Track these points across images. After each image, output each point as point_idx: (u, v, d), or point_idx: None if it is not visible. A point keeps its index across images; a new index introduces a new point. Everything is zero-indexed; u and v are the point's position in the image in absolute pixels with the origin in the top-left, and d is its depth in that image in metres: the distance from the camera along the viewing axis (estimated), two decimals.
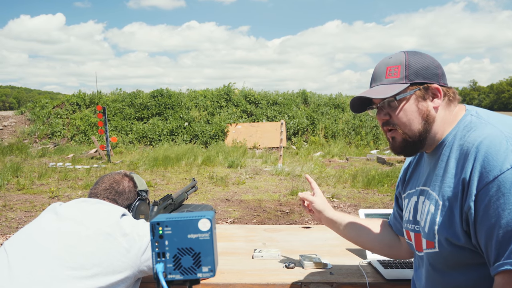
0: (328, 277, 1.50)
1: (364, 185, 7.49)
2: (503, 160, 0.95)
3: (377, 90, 1.14)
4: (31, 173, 8.66)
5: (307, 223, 5.16)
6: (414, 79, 1.12)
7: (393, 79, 1.14)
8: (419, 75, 1.12)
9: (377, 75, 1.18)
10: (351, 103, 1.22)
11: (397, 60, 1.15)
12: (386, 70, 1.16)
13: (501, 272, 0.95)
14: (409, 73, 1.12)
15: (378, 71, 1.18)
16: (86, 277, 1.20)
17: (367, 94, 1.15)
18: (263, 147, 13.79)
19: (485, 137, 1.00)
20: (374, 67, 1.22)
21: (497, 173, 0.95)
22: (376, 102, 1.18)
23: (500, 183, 0.94)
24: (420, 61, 1.13)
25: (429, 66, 1.13)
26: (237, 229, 2.16)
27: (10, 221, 5.30)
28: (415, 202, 1.22)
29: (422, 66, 1.13)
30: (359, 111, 1.24)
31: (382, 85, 1.15)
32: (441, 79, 1.14)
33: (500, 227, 0.94)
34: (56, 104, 16.19)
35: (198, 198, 6.58)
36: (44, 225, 1.31)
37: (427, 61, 1.14)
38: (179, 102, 16.02)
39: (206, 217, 0.86)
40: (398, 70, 1.13)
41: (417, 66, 1.13)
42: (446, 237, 1.06)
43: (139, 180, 1.57)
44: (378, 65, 1.19)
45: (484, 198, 0.97)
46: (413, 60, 1.13)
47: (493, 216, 0.95)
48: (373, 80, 1.19)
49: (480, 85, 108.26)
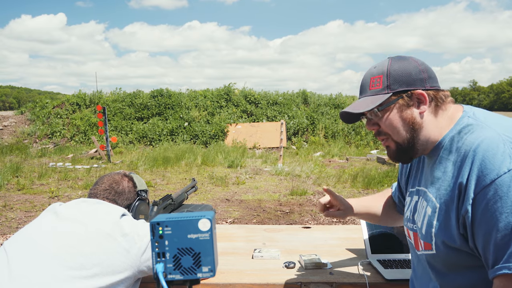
0: (328, 277, 1.50)
1: (364, 185, 7.49)
2: (500, 164, 0.95)
3: (360, 103, 1.16)
4: (31, 173, 8.66)
5: (307, 223, 5.16)
6: (397, 88, 1.11)
7: (376, 89, 1.14)
8: (402, 83, 1.11)
9: (363, 86, 1.19)
10: (340, 116, 1.24)
11: (379, 70, 1.15)
12: (370, 81, 1.17)
13: (499, 276, 0.95)
14: (390, 83, 1.12)
15: (364, 82, 1.19)
16: (86, 277, 1.20)
17: (350, 109, 1.17)
18: (263, 147, 13.78)
19: (482, 140, 1.00)
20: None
21: (494, 177, 0.95)
22: (365, 113, 1.18)
23: (497, 187, 0.94)
24: (402, 68, 1.12)
25: (412, 72, 1.12)
26: (237, 229, 2.16)
27: (10, 221, 5.30)
28: (416, 201, 1.22)
29: (404, 73, 1.12)
30: (350, 122, 1.25)
31: (366, 97, 1.16)
32: (427, 83, 1.12)
33: (498, 231, 0.94)
34: (56, 104, 16.18)
35: (198, 198, 6.58)
36: (44, 225, 1.31)
37: (410, 66, 1.13)
38: (179, 102, 16.02)
39: (206, 217, 0.86)
40: (380, 81, 1.14)
41: (399, 74, 1.12)
42: (443, 240, 1.06)
43: (139, 180, 1.57)
44: (364, 76, 1.20)
45: (482, 202, 0.96)
46: (396, 67, 1.13)
47: (490, 220, 0.95)
48: (360, 91, 1.21)
49: (481, 85, 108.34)
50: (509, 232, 0.93)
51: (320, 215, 5.55)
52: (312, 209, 5.86)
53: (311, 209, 5.86)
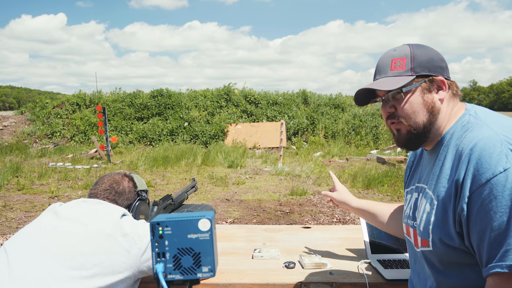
0: (328, 277, 1.50)
1: (364, 185, 7.49)
2: (496, 163, 0.95)
3: (383, 82, 1.13)
4: (31, 173, 8.66)
5: (307, 223, 5.16)
6: (420, 72, 1.12)
7: (399, 71, 1.13)
8: (425, 68, 1.12)
9: (381, 67, 1.17)
10: (356, 95, 1.21)
11: (402, 53, 1.14)
12: (391, 62, 1.15)
13: (492, 274, 0.96)
14: (414, 66, 1.12)
15: (382, 63, 1.17)
16: (86, 277, 1.20)
17: (373, 86, 1.14)
18: (263, 147, 13.78)
19: (480, 139, 1.00)
20: (375, 66, 1.21)
21: (490, 176, 0.95)
22: (381, 95, 1.17)
23: (492, 186, 0.95)
24: (425, 53, 1.14)
25: (434, 59, 1.13)
26: (237, 229, 2.16)
27: (10, 221, 5.30)
28: (416, 198, 1.22)
29: (427, 58, 1.13)
30: (363, 103, 1.24)
31: (388, 78, 1.14)
32: (445, 72, 1.15)
33: (492, 230, 0.95)
34: (56, 104, 16.18)
35: (198, 198, 6.58)
36: (44, 225, 1.31)
37: (432, 53, 1.14)
38: (179, 102, 16.02)
39: (206, 217, 0.86)
40: (404, 62, 1.13)
41: (423, 59, 1.13)
42: (440, 237, 1.07)
43: (139, 180, 1.57)
44: (383, 57, 1.18)
45: (477, 201, 0.97)
46: (418, 52, 1.13)
47: (485, 219, 0.96)
48: (377, 72, 1.18)
49: (481, 85, 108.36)
50: (502, 231, 0.94)
51: (320, 215, 5.55)
52: (312, 209, 5.86)
53: (311, 209, 5.86)
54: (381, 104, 1.18)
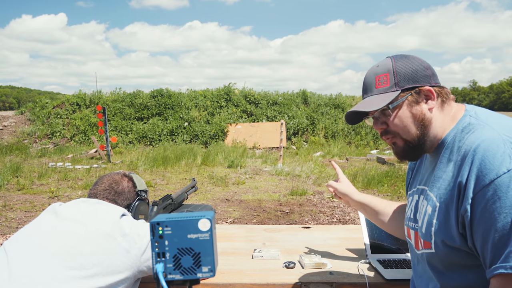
0: (328, 277, 1.50)
1: (364, 185, 7.49)
2: (499, 164, 0.95)
3: (369, 102, 1.14)
4: (31, 173, 8.66)
5: (307, 223, 5.16)
6: (405, 85, 1.12)
7: (383, 88, 1.14)
8: (409, 80, 1.12)
9: (367, 86, 1.18)
10: (346, 117, 1.23)
11: (384, 68, 1.15)
12: (376, 80, 1.16)
13: (496, 276, 0.96)
14: (398, 80, 1.12)
15: (368, 82, 1.18)
16: (85, 277, 1.20)
17: (360, 108, 1.15)
18: (263, 147, 13.79)
19: (482, 140, 1.00)
20: (362, 85, 1.22)
21: (494, 177, 0.95)
22: (371, 113, 1.18)
23: (496, 187, 0.94)
24: (408, 65, 1.13)
25: (417, 69, 1.13)
26: (237, 229, 2.16)
27: (10, 221, 5.30)
28: (416, 201, 1.22)
29: (411, 70, 1.12)
30: (354, 123, 1.25)
31: (374, 96, 1.15)
32: (432, 79, 1.13)
33: (496, 231, 0.95)
34: (56, 104, 16.19)
35: (198, 198, 6.58)
36: (44, 225, 1.31)
37: (415, 63, 1.13)
38: (179, 102, 16.02)
39: (206, 217, 0.86)
40: (387, 78, 1.13)
41: (406, 71, 1.12)
42: (442, 239, 1.06)
43: (139, 180, 1.57)
44: (367, 75, 1.19)
45: (481, 202, 0.97)
46: (401, 65, 1.13)
47: (489, 220, 0.95)
48: (364, 91, 1.20)
49: (481, 85, 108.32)
50: (507, 232, 0.93)
51: (320, 215, 5.55)
52: (312, 209, 5.86)
53: (311, 209, 5.86)
54: (372, 121, 1.19)
